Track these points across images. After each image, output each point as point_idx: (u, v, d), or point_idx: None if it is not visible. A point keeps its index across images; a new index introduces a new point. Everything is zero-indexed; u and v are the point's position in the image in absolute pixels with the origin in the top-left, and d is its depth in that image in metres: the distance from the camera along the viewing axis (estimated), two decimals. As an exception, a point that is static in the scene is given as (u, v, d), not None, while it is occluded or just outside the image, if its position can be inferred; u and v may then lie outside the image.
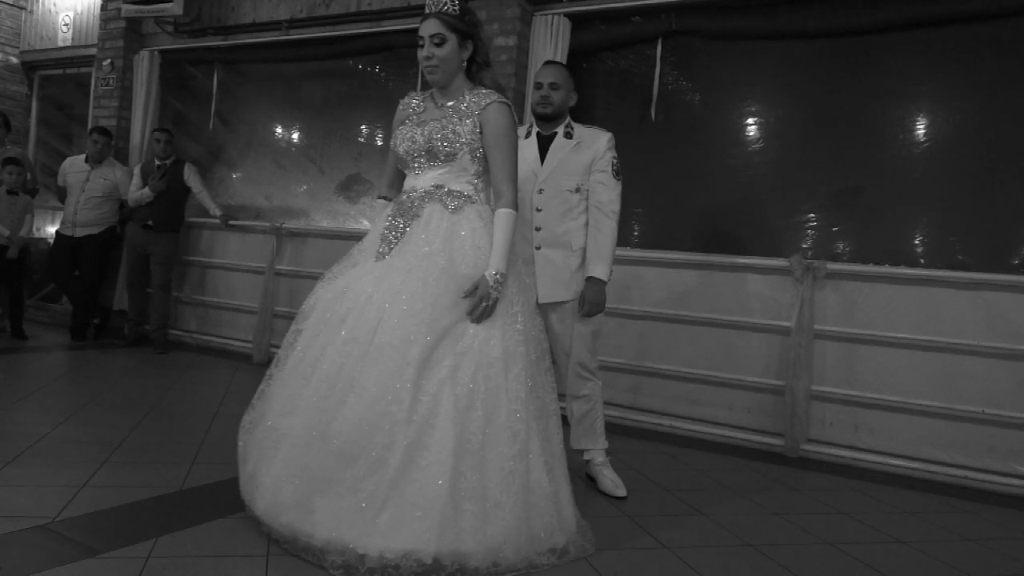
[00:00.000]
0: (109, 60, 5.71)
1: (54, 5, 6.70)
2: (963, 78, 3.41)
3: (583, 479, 2.78)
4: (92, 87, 5.95)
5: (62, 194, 5.32)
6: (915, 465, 3.29)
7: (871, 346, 3.43)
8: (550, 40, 3.99)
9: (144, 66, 5.62)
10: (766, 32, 3.75)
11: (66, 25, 6.62)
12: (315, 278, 2.24)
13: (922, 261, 3.44)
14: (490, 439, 1.81)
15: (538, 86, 2.71)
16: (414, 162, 2.10)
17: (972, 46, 3.38)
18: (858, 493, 2.97)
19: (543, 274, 2.63)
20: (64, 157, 5.70)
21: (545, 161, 2.67)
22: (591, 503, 2.58)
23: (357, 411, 1.76)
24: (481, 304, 1.91)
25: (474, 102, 2.08)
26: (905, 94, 3.52)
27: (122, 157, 5.59)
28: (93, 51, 5.98)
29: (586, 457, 2.79)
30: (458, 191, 2.07)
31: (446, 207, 2.04)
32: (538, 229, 2.65)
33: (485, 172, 2.12)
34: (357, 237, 5.09)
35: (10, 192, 5.02)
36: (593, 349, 2.71)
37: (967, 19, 3.35)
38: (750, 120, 3.86)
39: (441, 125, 2.06)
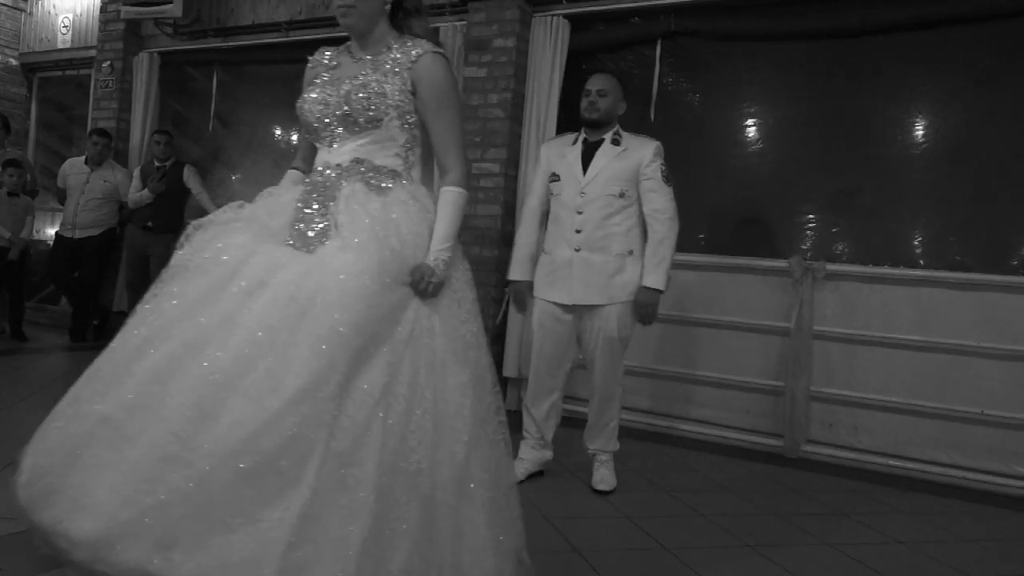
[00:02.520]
0: (109, 62, 5.71)
1: (53, 7, 6.71)
2: (962, 79, 3.41)
3: (582, 478, 2.79)
4: (92, 89, 5.95)
5: (62, 196, 5.32)
6: (914, 466, 3.29)
7: (870, 347, 3.43)
8: (549, 41, 4.00)
9: (144, 68, 5.62)
10: (765, 33, 3.75)
11: (65, 27, 6.62)
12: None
13: (921, 262, 3.44)
14: (429, 460, 1.39)
15: (586, 93, 2.76)
16: (327, 131, 1.64)
17: (971, 47, 3.38)
18: (858, 494, 2.97)
19: (579, 276, 2.66)
20: (64, 159, 5.70)
21: (591, 165, 2.70)
22: (589, 504, 2.58)
23: (263, 412, 1.26)
24: (424, 281, 1.49)
25: (402, 55, 1.63)
26: (903, 95, 3.52)
27: (122, 159, 5.59)
28: (93, 53, 5.98)
29: (591, 453, 2.82)
30: (384, 167, 1.62)
31: (369, 186, 1.58)
32: (578, 231, 2.68)
33: (417, 144, 1.68)
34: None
35: (11, 194, 5.02)
36: (622, 356, 2.74)
37: (966, 20, 3.35)
38: (749, 121, 3.86)
39: (361, 83, 1.60)
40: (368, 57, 1.66)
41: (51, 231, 6.12)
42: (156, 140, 5.08)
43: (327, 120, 1.63)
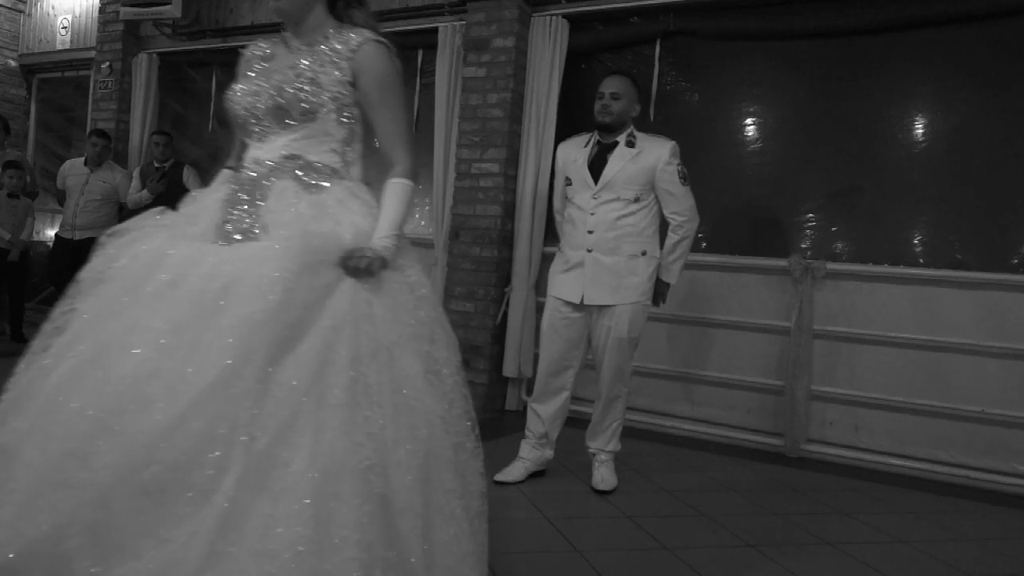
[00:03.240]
0: (108, 63, 5.71)
1: (52, 8, 6.70)
2: (962, 78, 3.41)
3: (581, 477, 2.79)
4: (91, 90, 5.95)
5: (61, 197, 5.32)
6: (915, 465, 3.29)
7: (871, 346, 3.43)
8: (549, 41, 3.99)
9: (143, 69, 5.62)
10: (764, 32, 3.75)
11: (64, 28, 6.62)
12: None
13: (921, 261, 3.44)
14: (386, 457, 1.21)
15: (600, 96, 2.75)
16: (257, 125, 1.51)
17: (971, 46, 3.38)
18: (858, 493, 2.97)
19: (590, 276, 2.68)
20: (63, 160, 5.70)
21: (606, 169, 2.70)
22: (590, 504, 2.58)
23: (166, 418, 1.12)
24: (356, 259, 1.33)
25: (341, 44, 1.51)
26: (904, 94, 3.52)
27: (121, 160, 5.59)
28: (92, 54, 5.97)
29: (592, 452, 2.83)
30: (320, 164, 1.48)
31: (302, 184, 1.44)
32: (590, 232, 2.69)
33: (357, 140, 1.55)
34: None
35: (11, 195, 5.02)
36: (630, 357, 2.74)
37: (966, 19, 3.35)
38: (749, 120, 3.86)
39: (295, 73, 1.47)
40: (304, 47, 1.54)
41: (51, 232, 6.12)
42: (155, 141, 5.08)
43: (257, 113, 1.50)
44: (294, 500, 1.10)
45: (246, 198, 1.44)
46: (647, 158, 2.69)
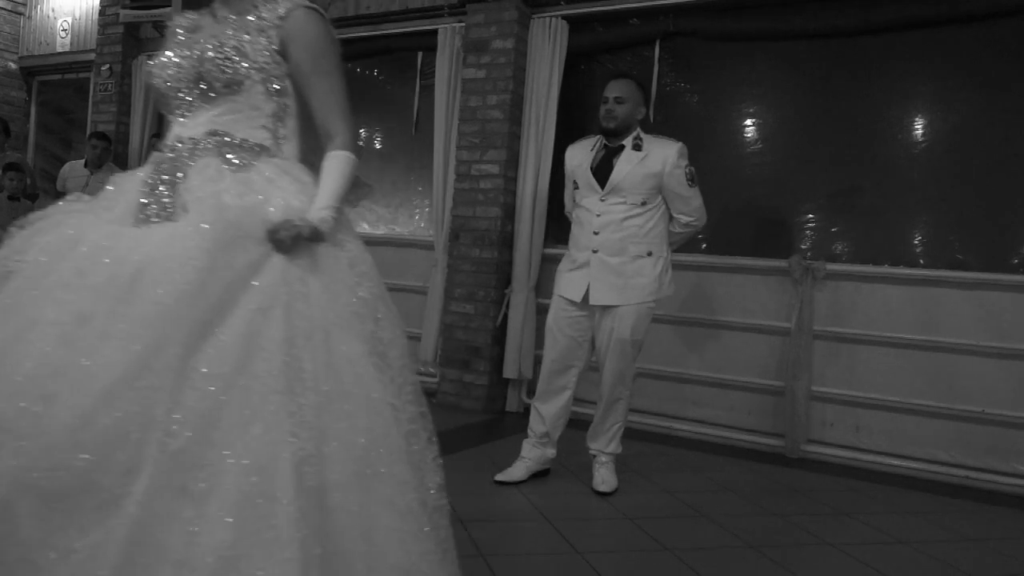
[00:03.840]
0: (108, 65, 5.71)
1: (52, 10, 6.71)
2: (962, 78, 3.41)
3: (581, 477, 2.79)
4: (91, 92, 5.95)
5: (61, 199, 5.32)
6: (916, 465, 3.29)
7: (871, 346, 3.43)
8: (548, 42, 4.00)
9: (143, 71, 5.62)
10: (764, 33, 3.75)
11: (64, 30, 6.62)
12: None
13: (921, 261, 3.44)
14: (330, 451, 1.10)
15: (604, 100, 2.75)
16: (179, 100, 1.38)
17: (971, 46, 3.39)
18: (859, 493, 2.97)
19: (596, 276, 2.68)
20: (63, 162, 5.70)
21: (613, 172, 2.71)
22: (590, 505, 2.58)
23: (69, 417, 1.03)
24: (284, 231, 1.20)
25: (269, 12, 1.39)
26: (903, 94, 3.52)
27: (121, 162, 5.59)
28: (92, 56, 5.98)
29: (592, 453, 2.82)
30: (247, 141, 1.35)
31: (227, 162, 1.31)
32: (596, 233, 2.70)
33: (290, 115, 1.41)
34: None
35: (11, 198, 5.02)
36: (632, 360, 2.74)
37: (966, 19, 3.35)
38: (748, 121, 3.87)
39: (218, 42, 1.35)
40: (232, 16, 1.41)
41: (51, 234, 6.11)
42: (155, 143, 5.09)
43: (179, 86, 1.37)
44: (218, 502, 1.00)
45: (166, 178, 1.31)
46: (654, 161, 2.69)
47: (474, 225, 4.09)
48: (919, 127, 3.51)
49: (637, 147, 2.72)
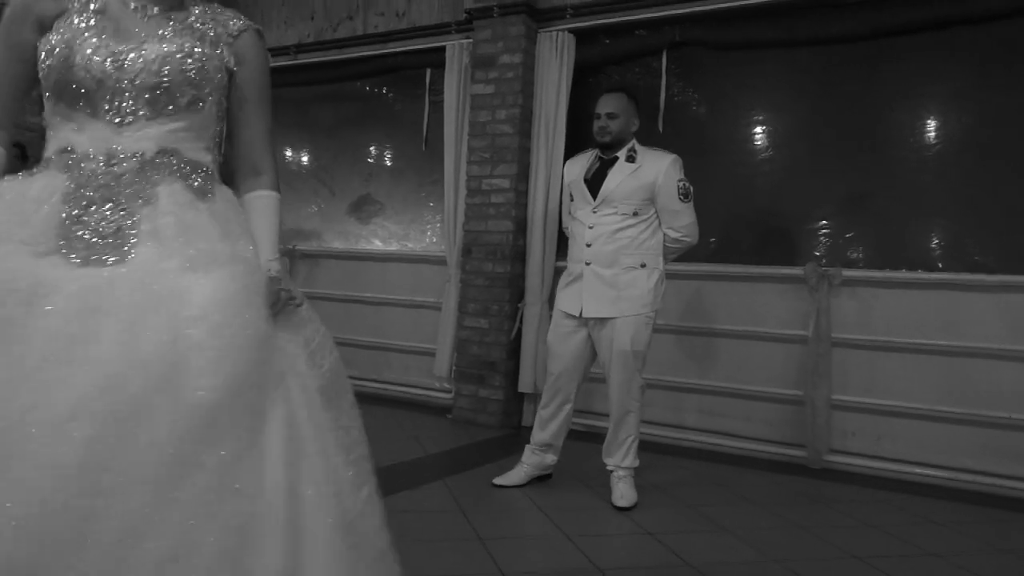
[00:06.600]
0: None
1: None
2: (974, 79, 3.38)
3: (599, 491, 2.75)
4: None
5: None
6: (943, 474, 3.22)
7: (891, 353, 3.38)
8: (556, 56, 4.01)
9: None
10: (771, 40, 3.74)
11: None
12: (329, 299, 2.18)
13: (939, 265, 3.39)
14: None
15: (596, 116, 2.78)
16: (115, 102, 1.15)
17: (982, 47, 3.35)
18: (885, 504, 2.91)
19: (588, 289, 2.71)
20: None
21: (605, 183, 2.74)
22: (610, 520, 2.54)
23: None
24: (281, 302, 1.14)
25: (219, 25, 1.25)
26: (914, 97, 3.49)
27: None
28: None
29: (609, 469, 2.80)
30: (198, 163, 1.20)
31: (190, 188, 1.15)
32: (588, 245, 2.73)
33: (224, 139, 1.32)
34: (370, 257, 5.16)
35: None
36: (637, 371, 2.73)
37: (976, 20, 3.32)
38: (758, 128, 3.85)
39: (186, 51, 1.17)
40: (160, 13, 1.21)
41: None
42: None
43: (121, 88, 1.15)
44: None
45: (106, 198, 1.10)
46: (647, 173, 2.71)
47: (486, 239, 4.09)
48: (931, 129, 3.48)
49: (631, 159, 2.75)
